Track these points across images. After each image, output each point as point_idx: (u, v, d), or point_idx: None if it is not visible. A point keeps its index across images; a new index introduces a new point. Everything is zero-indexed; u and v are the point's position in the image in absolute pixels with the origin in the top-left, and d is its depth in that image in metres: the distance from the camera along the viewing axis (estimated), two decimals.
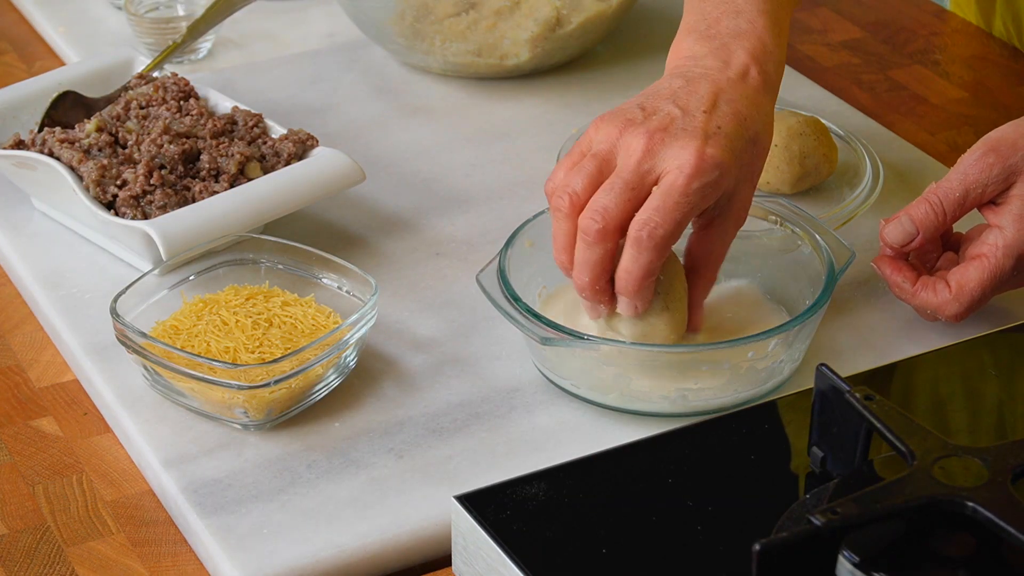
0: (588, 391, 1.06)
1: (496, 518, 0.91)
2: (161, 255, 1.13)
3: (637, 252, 1.01)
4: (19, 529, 1.01)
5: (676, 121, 1.02)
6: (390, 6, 1.39)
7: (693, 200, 1.01)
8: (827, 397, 0.94)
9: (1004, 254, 1.09)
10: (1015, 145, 1.09)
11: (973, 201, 1.10)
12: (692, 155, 1.01)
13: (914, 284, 1.11)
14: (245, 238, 1.14)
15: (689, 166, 1.00)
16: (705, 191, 1.01)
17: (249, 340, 1.06)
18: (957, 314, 1.10)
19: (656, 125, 1.02)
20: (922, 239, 1.11)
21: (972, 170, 1.10)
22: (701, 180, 1.01)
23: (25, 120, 1.27)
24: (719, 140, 1.02)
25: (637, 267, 1.01)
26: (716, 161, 1.01)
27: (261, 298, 1.10)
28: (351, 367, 1.08)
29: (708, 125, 1.02)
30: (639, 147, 1.02)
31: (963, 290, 1.09)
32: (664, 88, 1.06)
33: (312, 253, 1.12)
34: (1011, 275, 1.09)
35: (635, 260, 1.01)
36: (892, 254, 1.12)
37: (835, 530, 0.83)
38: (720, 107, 1.04)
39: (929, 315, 1.12)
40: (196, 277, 1.12)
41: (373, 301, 1.07)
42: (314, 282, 1.12)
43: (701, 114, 1.03)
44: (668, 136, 1.02)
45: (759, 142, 1.05)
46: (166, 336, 1.07)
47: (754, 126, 1.05)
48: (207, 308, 1.09)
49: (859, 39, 1.54)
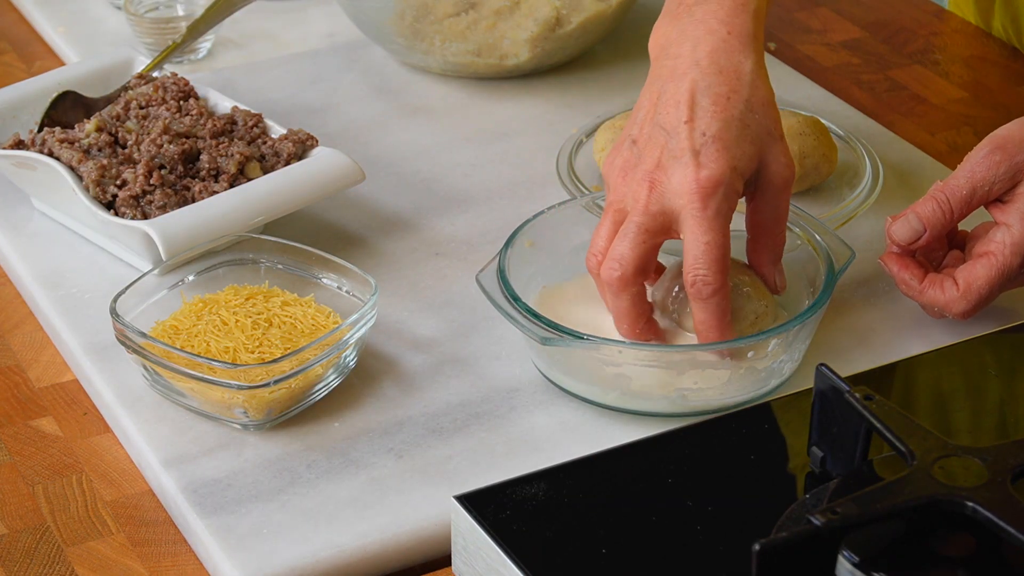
0: (588, 391, 1.06)
1: (496, 518, 0.91)
2: (161, 255, 1.13)
3: (704, 304, 1.03)
4: (19, 529, 1.01)
5: (665, 150, 1.04)
6: (390, 6, 1.39)
7: (717, 226, 1.02)
8: (827, 397, 0.94)
9: (1012, 251, 1.09)
10: (1022, 143, 1.09)
11: (980, 199, 1.10)
12: (692, 187, 1.02)
13: (921, 281, 1.11)
14: (245, 238, 1.14)
15: (695, 200, 1.02)
16: (721, 209, 1.02)
17: (249, 340, 1.06)
18: (965, 311, 1.10)
19: (651, 164, 1.04)
20: (929, 237, 1.11)
21: (979, 168, 1.10)
22: (712, 206, 1.02)
23: (25, 120, 1.27)
24: (710, 151, 1.03)
25: (710, 315, 1.04)
26: (715, 179, 1.02)
27: (261, 298, 1.10)
28: (351, 367, 1.08)
29: (694, 140, 1.03)
30: (643, 193, 1.04)
31: (971, 288, 1.09)
32: (645, 103, 1.07)
33: (312, 253, 1.12)
34: (1018, 272, 1.09)
35: (705, 310, 1.04)
36: (899, 252, 1.12)
37: (835, 530, 0.83)
38: (700, 105, 1.04)
39: (936, 313, 1.12)
40: (196, 277, 1.12)
41: (373, 301, 1.07)
42: (314, 282, 1.12)
43: (683, 126, 1.04)
44: (664, 173, 1.03)
45: (754, 105, 1.05)
46: (166, 336, 1.07)
47: (739, 97, 1.05)
48: (207, 308, 1.09)
49: (859, 39, 1.54)
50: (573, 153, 1.25)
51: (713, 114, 1.04)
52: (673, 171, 1.03)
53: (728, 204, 1.03)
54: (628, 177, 1.05)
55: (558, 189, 1.23)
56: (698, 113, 1.04)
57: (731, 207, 1.03)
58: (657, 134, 1.05)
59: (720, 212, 1.03)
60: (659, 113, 1.05)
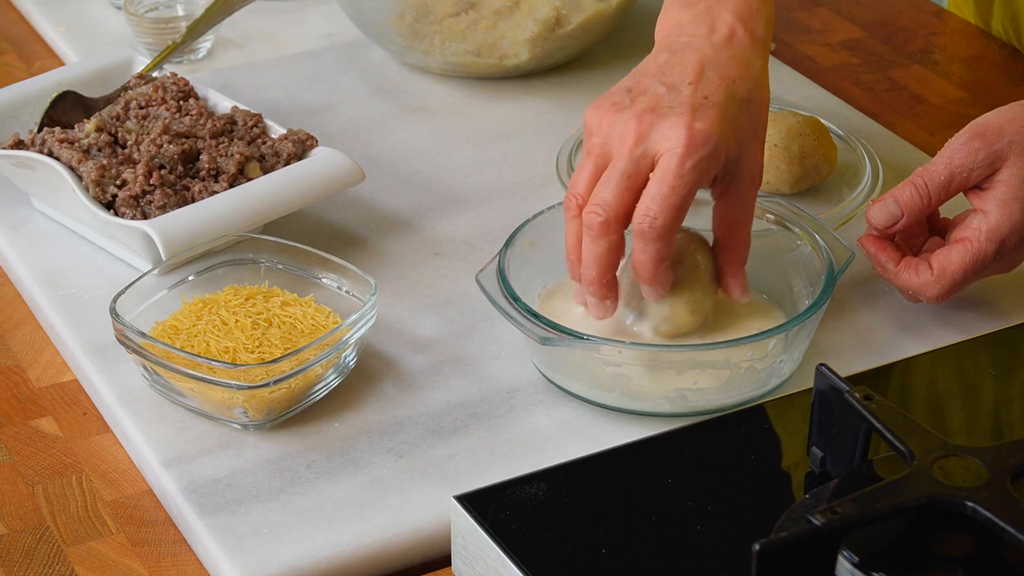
0: (588, 391, 1.06)
1: (496, 518, 0.91)
2: (161, 255, 1.13)
3: (644, 243, 1.02)
4: (19, 529, 1.01)
5: (663, 100, 1.03)
6: (390, 6, 1.39)
7: (689, 179, 1.01)
8: (827, 397, 0.94)
9: (987, 238, 1.09)
10: (1001, 131, 1.09)
11: (958, 185, 1.10)
12: (682, 133, 1.01)
13: (897, 265, 1.11)
14: (245, 238, 1.14)
15: (680, 145, 1.01)
16: (700, 167, 1.01)
17: (248, 340, 1.06)
18: (938, 295, 1.10)
19: (643, 107, 1.03)
20: (907, 221, 1.11)
21: (958, 154, 1.10)
22: (694, 157, 1.01)
23: (25, 120, 1.27)
24: (708, 112, 1.02)
25: (647, 257, 1.02)
26: (706, 134, 1.01)
27: (260, 298, 1.10)
28: (351, 367, 1.08)
29: (695, 98, 1.02)
30: (630, 134, 1.02)
31: (944, 272, 1.09)
32: (650, 66, 1.06)
33: (312, 253, 1.12)
34: (993, 259, 1.10)
35: (644, 251, 1.02)
36: (877, 235, 1.12)
37: (835, 530, 0.83)
38: (707, 75, 1.04)
39: (911, 296, 1.13)
40: (196, 277, 1.12)
41: (372, 301, 1.07)
42: (314, 282, 1.12)
43: (687, 87, 1.03)
44: (657, 117, 1.02)
45: (754, 100, 1.05)
46: (165, 336, 1.07)
47: (745, 85, 1.05)
48: (206, 308, 1.09)
49: (859, 39, 1.54)
50: (573, 153, 1.25)
51: (718, 87, 1.03)
52: (666, 117, 1.02)
53: (708, 167, 1.02)
54: (616, 117, 1.03)
55: (558, 189, 1.23)
56: (703, 81, 1.03)
57: (707, 174, 1.02)
58: (656, 87, 1.04)
59: (698, 168, 1.01)
60: (663, 73, 1.05)
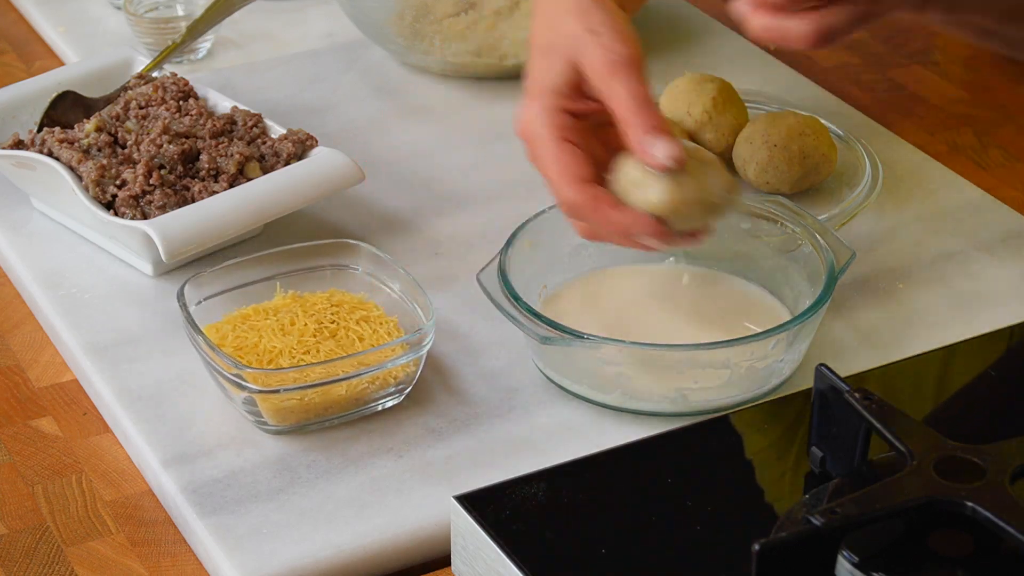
0: (588, 391, 1.06)
1: (496, 518, 0.91)
2: (161, 255, 1.13)
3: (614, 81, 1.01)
4: (18, 529, 1.01)
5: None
6: (390, 6, 1.39)
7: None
8: (827, 397, 0.94)
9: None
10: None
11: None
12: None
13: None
14: (343, 244, 1.13)
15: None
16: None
17: (299, 345, 1.05)
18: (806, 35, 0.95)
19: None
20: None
21: None
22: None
23: (24, 120, 1.27)
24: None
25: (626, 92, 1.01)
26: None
27: (346, 307, 1.09)
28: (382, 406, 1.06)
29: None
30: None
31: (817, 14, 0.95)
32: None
33: (417, 285, 1.10)
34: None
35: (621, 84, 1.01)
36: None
37: (835, 530, 0.83)
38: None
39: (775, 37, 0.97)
40: (295, 274, 1.12)
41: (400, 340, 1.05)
42: (409, 310, 1.09)
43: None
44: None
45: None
46: (232, 323, 1.07)
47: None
48: (291, 304, 1.08)
49: (859, 39, 1.54)
50: None
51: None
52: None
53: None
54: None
55: None
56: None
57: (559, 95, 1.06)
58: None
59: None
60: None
